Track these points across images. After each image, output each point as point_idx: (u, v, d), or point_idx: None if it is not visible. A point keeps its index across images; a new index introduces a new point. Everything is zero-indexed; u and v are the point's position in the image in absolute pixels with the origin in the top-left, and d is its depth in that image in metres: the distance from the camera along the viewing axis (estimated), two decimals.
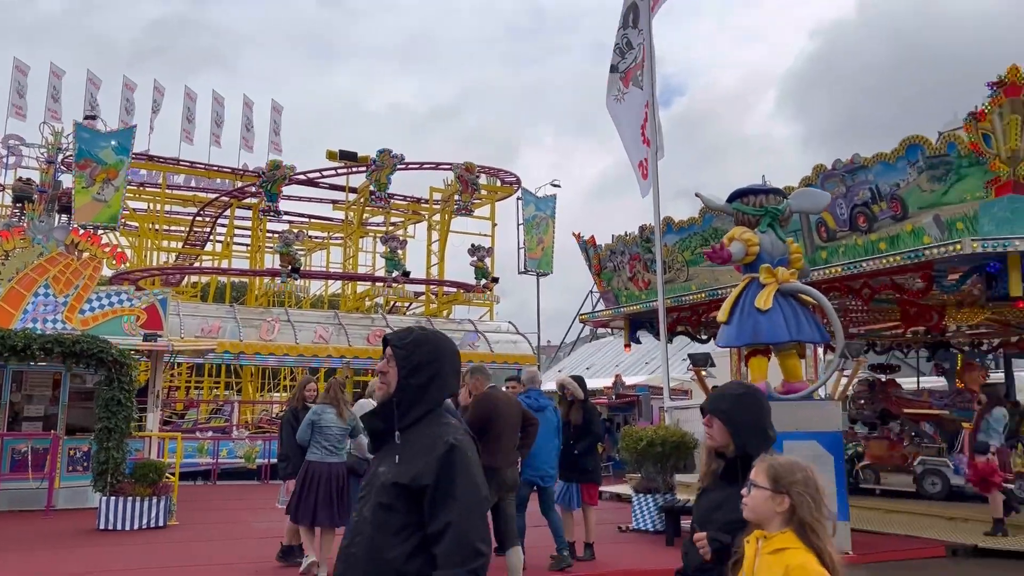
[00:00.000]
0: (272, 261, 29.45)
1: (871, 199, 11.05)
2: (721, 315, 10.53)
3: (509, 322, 25.39)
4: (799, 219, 11.67)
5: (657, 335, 13.45)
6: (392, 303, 29.42)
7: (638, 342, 19.01)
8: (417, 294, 29.40)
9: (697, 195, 11.19)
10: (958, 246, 9.72)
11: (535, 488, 7.90)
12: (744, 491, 2.51)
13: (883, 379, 15.61)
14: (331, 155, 27.16)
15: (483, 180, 27.60)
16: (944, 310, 14.37)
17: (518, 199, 26.33)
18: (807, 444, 8.97)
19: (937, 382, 17.39)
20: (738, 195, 10.44)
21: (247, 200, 28.95)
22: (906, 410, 12.87)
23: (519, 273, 25.77)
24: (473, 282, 26.40)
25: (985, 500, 9.70)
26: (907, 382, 18.85)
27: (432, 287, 28.15)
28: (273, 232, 30.08)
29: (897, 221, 10.82)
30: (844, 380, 13.66)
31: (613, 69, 14.51)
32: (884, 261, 10.85)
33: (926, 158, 10.26)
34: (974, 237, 9.68)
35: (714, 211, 11.26)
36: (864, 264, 11.16)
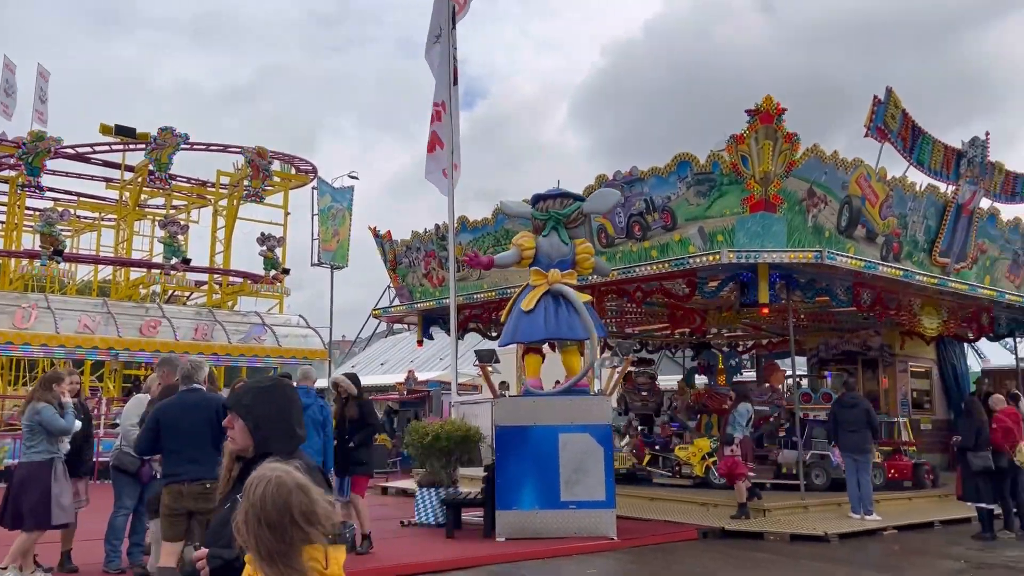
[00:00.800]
0: (32, 242, 26.58)
1: (646, 209, 11.90)
2: (504, 316, 10.95)
3: (300, 316, 24.67)
4: (591, 222, 12.29)
5: (449, 332, 13.64)
6: (170, 292, 27.56)
7: (431, 338, 19.20)
8: (199, 283, 27.75)
9: (501, 202, 11.64)
10: (718, 256, 10.73)
11: None
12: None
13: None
14: (105, 129, 24.96)
15: (277, 167, 26.55)
16: (706, 314, 15.81)
17: (313, 188, 25.57)
18: (580, 436, 9.52)
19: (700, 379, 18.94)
20: (535, 200, 10.92)
21: (3, 173, 25.92)
22: (724, 406, 14.13)
23: (312, 265, 25.03)
24: (261, 272, 25.35)
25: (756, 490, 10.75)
26: (671, 379, 20.51)
27: (216, 276, 26.70)
28: (34, 210, 27.16)
29: (667, 231, 11.73)
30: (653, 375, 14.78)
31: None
32: (655, 267, 11.72)
33: (694, 174, 11.21)
34: (731, 248, 10.72)
35: (514, 217, 11.65)
36: (638, 269, 12.01)
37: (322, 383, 17.28)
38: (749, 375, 21.43)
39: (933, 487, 13.13)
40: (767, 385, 16.02)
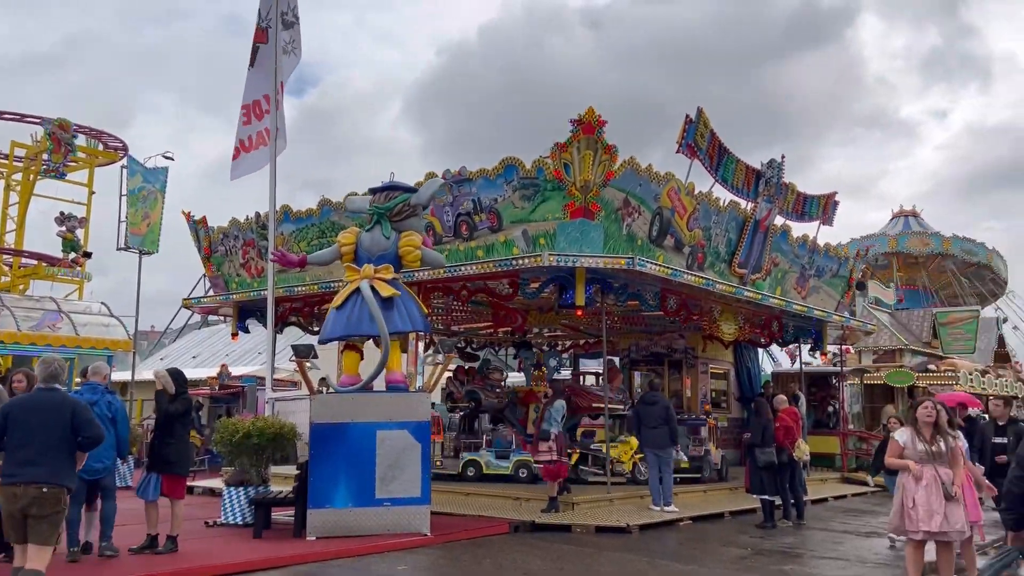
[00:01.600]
0: None
1: (473, 209, 12.06)
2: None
3: (102, 303, 22.82)
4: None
5: (267, 325, 13.15)
6: None
7: (247, 331, 18.41)
8: None
9: (347, 198, 11.41)
10: (540, 259, 11.07)
11: (86, 482, 7.45)
12: None
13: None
14: None
15: (82, 141, 24.45)
16: (527, 314, 16.26)
17: (123, 167, 23.79)
18: (399, 433, 9.49)
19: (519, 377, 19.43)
20: (372, 194, 10.74)
21: None
22: (594, 404, 14.47)
23: (119, 249, 23.23)
24: (59, 255, 23.26)
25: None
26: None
27: (6, 257, 24.20)
28: None
29: (493, 232, 11.95)
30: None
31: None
32: (481, 267, 11.92)
33: (520, 178, 11.50)
34: (552, 252, 11.10)
35: (354, 212, 11.40)
36: (464, 268, 12.16)
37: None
38: (565, 373, 22.26)
39: (720, 480, 14.29)
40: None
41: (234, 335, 18.01)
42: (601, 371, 16.88)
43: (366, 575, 7.85)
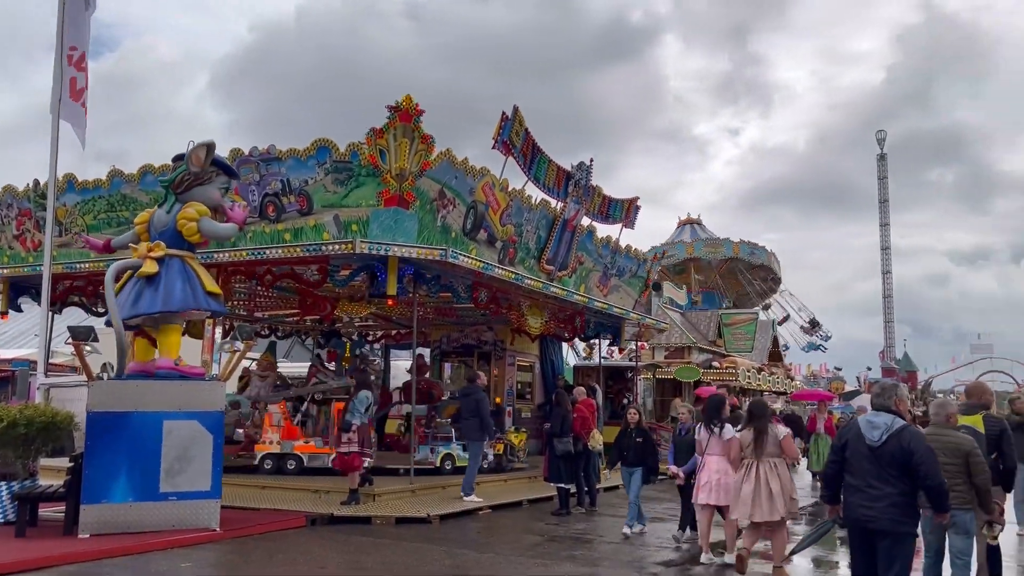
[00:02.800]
0: None
1: (281, 190, 11.58)
2: None
3: None
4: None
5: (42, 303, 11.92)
6: None
7: (19, 310, 16.64)
8: None
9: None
10: (351, 245, 10.83)
11: None
12: None
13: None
14: None
15: None
16: (337, 302, 15.88)
17: None
18: (188, 424, 8.93)
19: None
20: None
21: None
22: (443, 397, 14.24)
23: None
24: None
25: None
26: (302, 367, 20.24)
27: None
28: None
29: (303, 215, 11.54)
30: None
31: None
32: (288, 251, 11.47)
33: (333, 161, 11.18)
34: (364, 239, 10.88)
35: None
36: (269, 252, 11.64)
37: None
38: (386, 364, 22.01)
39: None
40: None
41: (3, 314, 16.18)
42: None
43: (144, 574, 7.33)
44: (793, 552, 7.25)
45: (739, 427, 8.24)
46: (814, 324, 46.71)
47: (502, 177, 12.47)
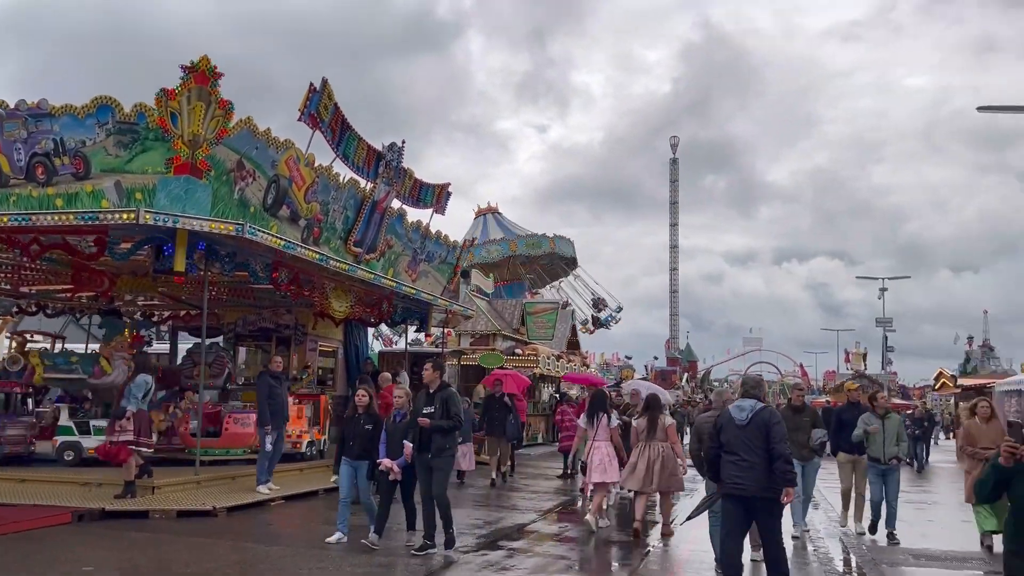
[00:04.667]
0: None
1: (54, 150, 10.37)
2: None
3: None
4: None
5: None
6: None
7: None
8: None
9: None
10: (134, 215, 9.86)
11: None
12: None
13: None
14: None
15: None
16: (116, 278, 14.50)
17: None
18: None
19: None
20: None
21: None
22: None
23: None
24: None
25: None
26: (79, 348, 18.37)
27: None
28: None
29: (78, 179, 10.39)
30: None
31: None
32: (59, 218, 10.30)
33: (116, 122, 10.14)
34: (150, 209, 9.95)
35: None
36: (37, 218, 10.39)
37: None
38: (162, 347, 20.46)
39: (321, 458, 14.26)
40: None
41: None
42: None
43: None
44: (688, 519, 7.92)
45: (636, 416, 10.23)
46: (598, 303, 49.01)
47: (308, 152, 11.90)
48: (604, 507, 10.30)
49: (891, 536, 9.48)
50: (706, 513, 7.34)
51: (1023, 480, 4.09)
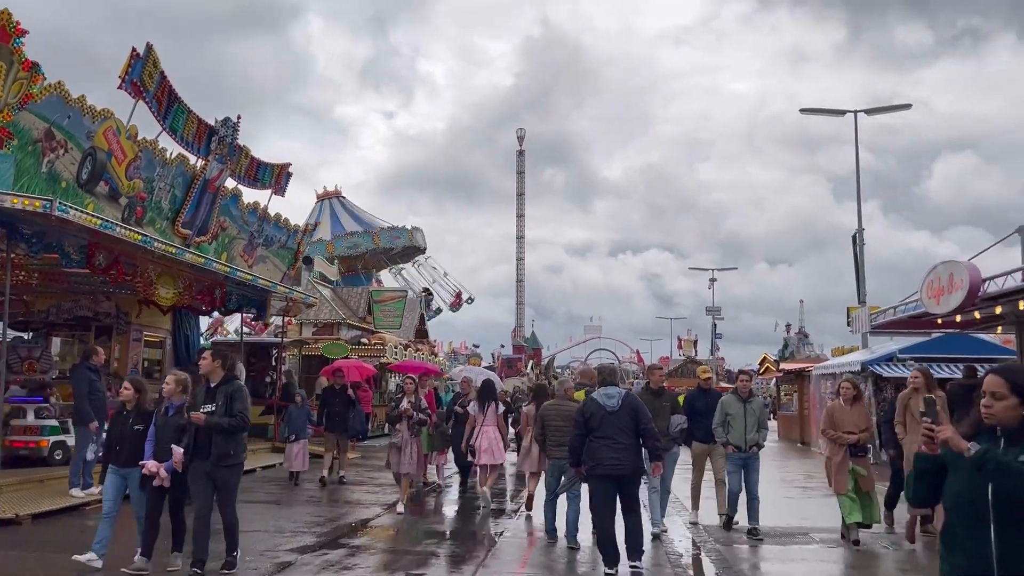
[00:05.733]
0: None
1: None
2: None
3: None
4: None
5: None
6: None
7: None
8: None
9: None
10: None
11: None
12: None
13: None
14: None
15: None
16: None
17: None
18: None
19: None
20: None
21: None
22: None
23: None
24: None
25: None
26: None
27: None
28: None
29: None
30: None
31: None
32: None
33: None
34: None
35: None
36: None
37: None
38: None
39: None
40: None
41: None
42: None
43: None
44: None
45: (526, 403, 11.32)
46: (428, 293, 48.96)
47: (130, 124, 10.89)
48: (488, 485, 10.88)
49: (753, 532, 8.55)
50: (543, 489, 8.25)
51: (959, 472, 2.82)
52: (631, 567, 6.81)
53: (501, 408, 11.21)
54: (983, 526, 2.70)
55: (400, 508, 10.15)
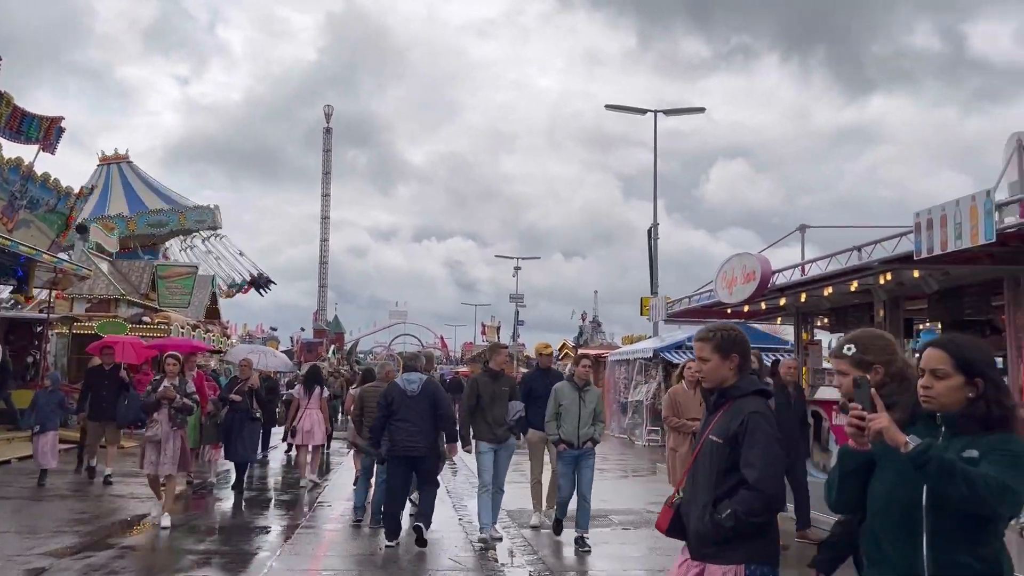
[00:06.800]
0: None
1: None
2: None
3: None
4: None
5: None
6: None
7: None
8: None
9: None
10: None
11: None
12: None
13: None
14: None
15: None
16: None
17: None
18: None
19: None
20: None
21: None
22: None
23: None
24: None
25: None
26: None
27: None
28: None
29: None
30: None
31: None
32: None
33: None
34: None
35: None
36: None
37: None
38: None
39: None
40: None
41: None
42: None
43: None
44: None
45: (354, 386, 12.14)
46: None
47: None
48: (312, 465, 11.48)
49: (581, 541, 7.44)
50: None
51: (888, 471, 2.34)
52: (413, 527, 7.31)
53: (326, 392, 11.88)
54: (915, 536, 2.26)
55: (164, 522, 7.98)
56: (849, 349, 2.74)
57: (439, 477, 8.34)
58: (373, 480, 8.66)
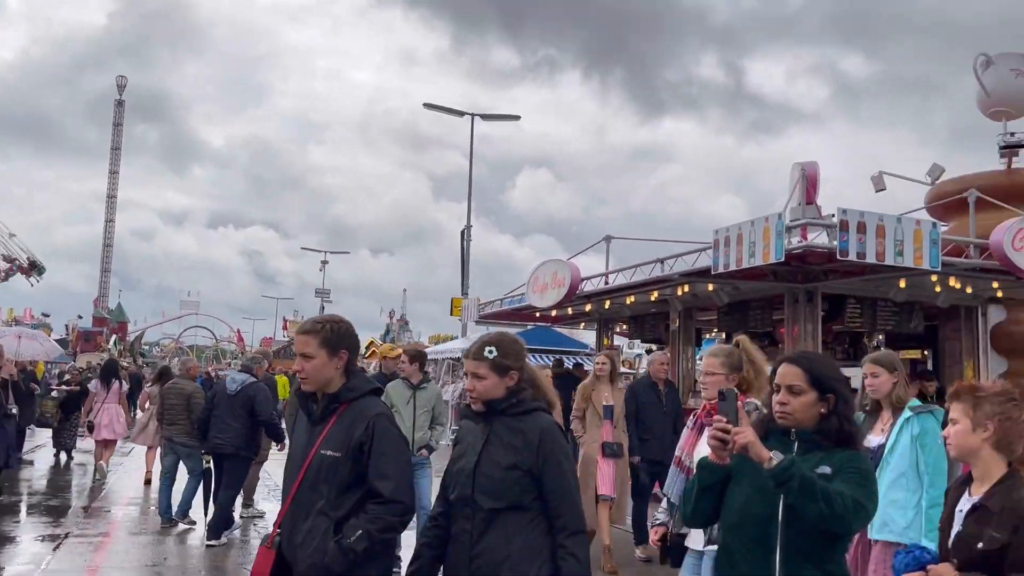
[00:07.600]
0: None
1: None
2: None
3: None
4: None
5: None
6: None
7: None
8: None
9: None
10: None
11: None
12: None
13: None
14: None
15: None
16: None
17: None
18: None
19: None
20: None
21: None
22: None
23: None
24: None
25: None
26: None
27: None
28: None
29: None
30: None
31: None
32: None
33: None
34: None
35: None
36: None
37: None
38: None
39: None
40: None
41: None
42: None
43: None
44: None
45: (149, 384, 11.86)
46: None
47: None
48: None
49: None
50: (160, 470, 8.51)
51: (743, 485, 2.29)
52: (207, 545, 7.22)
53: (125, 386, 12.08)
54: (769, 552, 2.20)
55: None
56: (491, 352, 2.61)
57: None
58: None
